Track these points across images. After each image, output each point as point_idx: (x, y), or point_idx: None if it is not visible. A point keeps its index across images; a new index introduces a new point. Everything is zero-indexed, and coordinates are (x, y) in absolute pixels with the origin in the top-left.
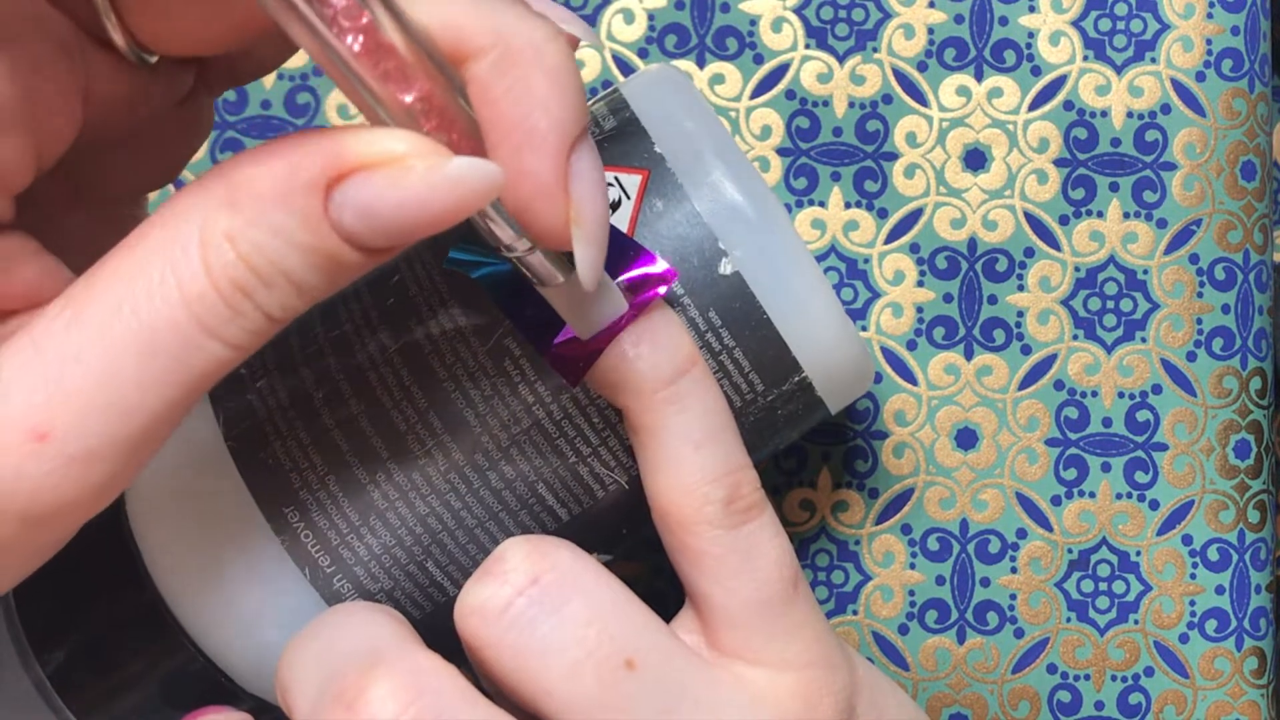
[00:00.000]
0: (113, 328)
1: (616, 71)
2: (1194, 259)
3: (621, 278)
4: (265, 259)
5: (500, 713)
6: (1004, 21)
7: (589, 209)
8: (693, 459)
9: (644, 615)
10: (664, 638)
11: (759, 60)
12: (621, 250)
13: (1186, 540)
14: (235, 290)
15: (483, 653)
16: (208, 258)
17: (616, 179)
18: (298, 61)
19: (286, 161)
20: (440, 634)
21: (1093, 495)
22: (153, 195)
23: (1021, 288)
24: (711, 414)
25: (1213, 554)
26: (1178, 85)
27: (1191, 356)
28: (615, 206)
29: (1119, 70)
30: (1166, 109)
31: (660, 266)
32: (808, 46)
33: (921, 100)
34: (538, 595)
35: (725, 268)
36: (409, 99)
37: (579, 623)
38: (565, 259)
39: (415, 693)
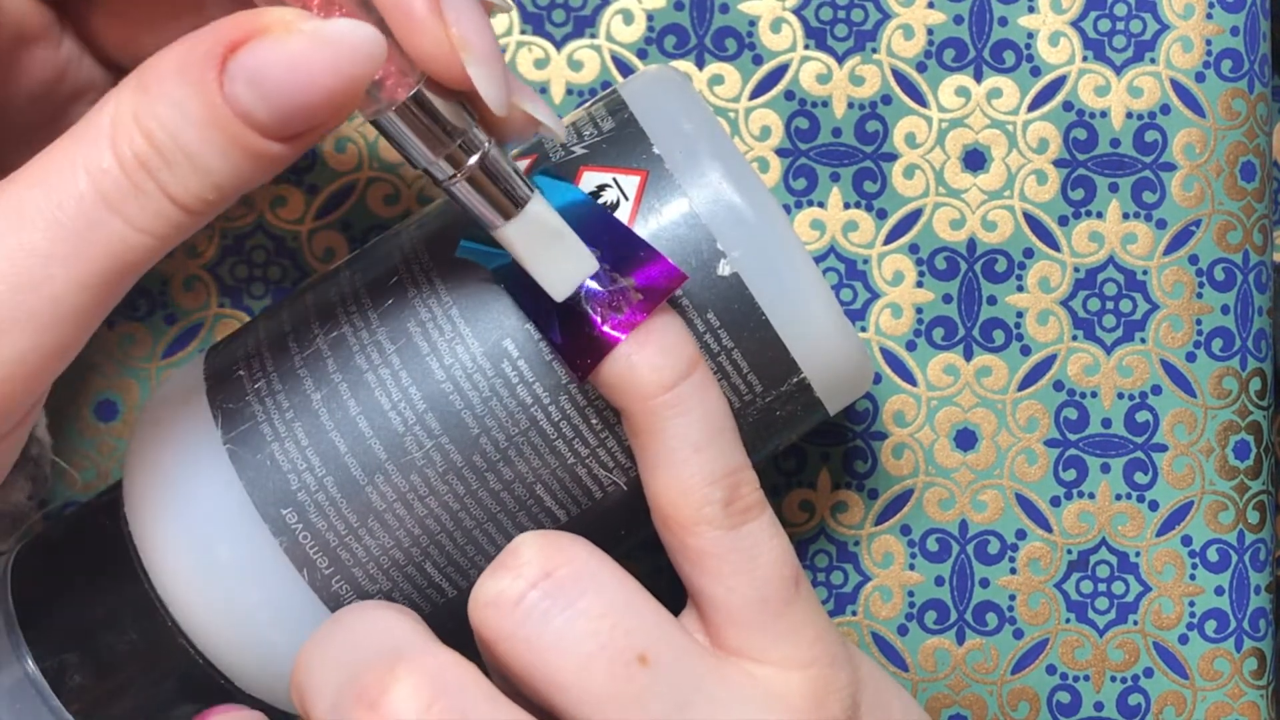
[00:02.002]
0: (24, 201)
1: (616, 72)
2: (1193, 259)
3: (632, 279)
4: (166, 134)
5: (521, 712)
6: (1003, 22)
7: (470, 31)
8: (692, 461)
9: (657, 611)
10: (677, 633)
11: (758, 61)
12: (632, 251)
13: (1186, 541)
14: (137, 165)
15: (497, 646)
16: (115, 134)
17: (615, 180)
18: None
19: (189, 40)
20: (440, 635)
21: (1092, 496)
22: None
23: (1021, 288)
24: (712, 417)
25: (1212, 555)
26: (1177, 86)
27: (1191, 357)
28: (614, 208)
29: (1118, 71)
30: (1166, 109)
31: (671, 269)
32: (807, 47)
33: (921, 101)
34: (552, 589)
35: (724, 269)
36: None
37: (592, 616)
38: (503, 192)
39: (437, 691)
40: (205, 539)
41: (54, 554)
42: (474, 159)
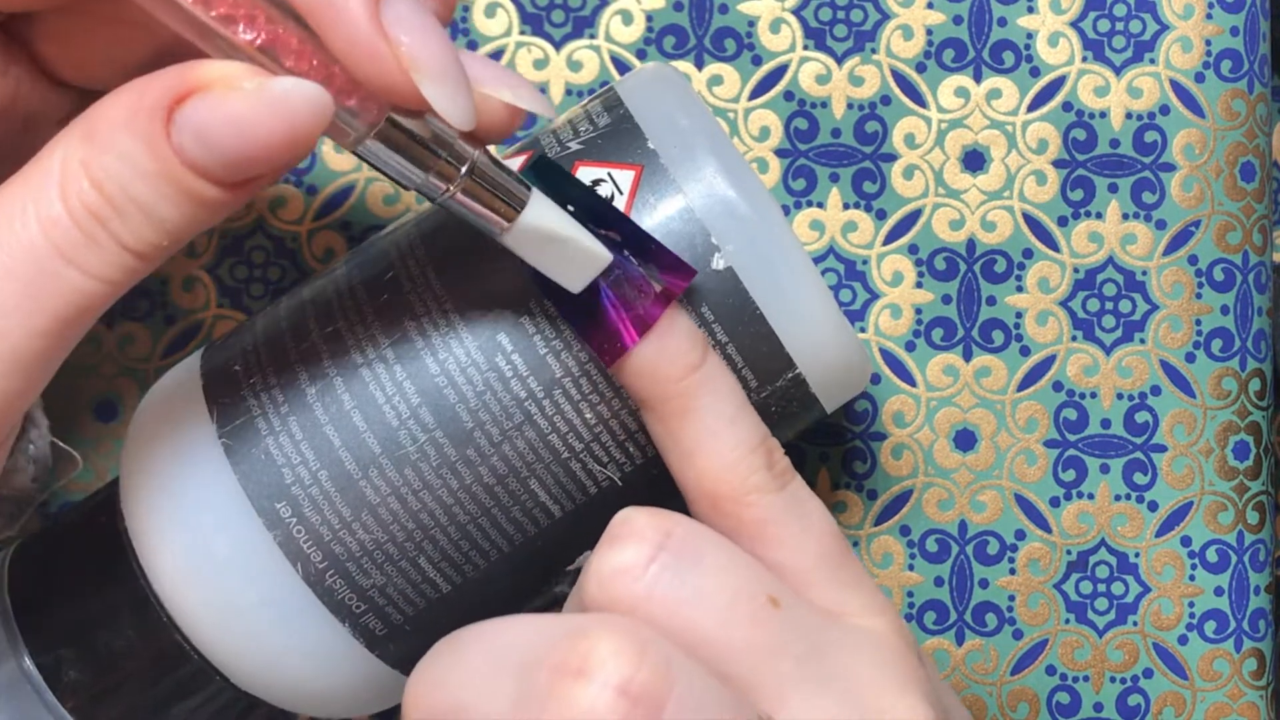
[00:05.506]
0: None
1: (615, 73)
2: (1193, 260)
3: (654, 268)
4: (116, 185)
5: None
6: (1003, 22)
7: (420, 50)
8: (728, 433)
9: (758, 562)
10: (780, 580)
11: (757, 61)
12: (643, 247)
13: (1185, 541)
14: (89, 216)
15: (635, 612)
16: (64, 184)
17: (610, 175)
18: None
19: (135, 90)
20: (433, 634)
21: (1091, 496)
22: None
23: (1020, 289)
24: (735, 390)
25: (1211, 555)
26: (1177, 86)
27: (1190, 358)
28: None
29: (1118, 71)
30: (1165, 110)
31: (682, 263)
32: (806, 48)
33: (920, 101)
34: (676, 548)
35: (718, 263)
36: (252, 37)
37: (721, 568)
38: (500, 197)
39: (641, 644)
40: (200, 534)
41: (51, 551)
42: (463, 170)
